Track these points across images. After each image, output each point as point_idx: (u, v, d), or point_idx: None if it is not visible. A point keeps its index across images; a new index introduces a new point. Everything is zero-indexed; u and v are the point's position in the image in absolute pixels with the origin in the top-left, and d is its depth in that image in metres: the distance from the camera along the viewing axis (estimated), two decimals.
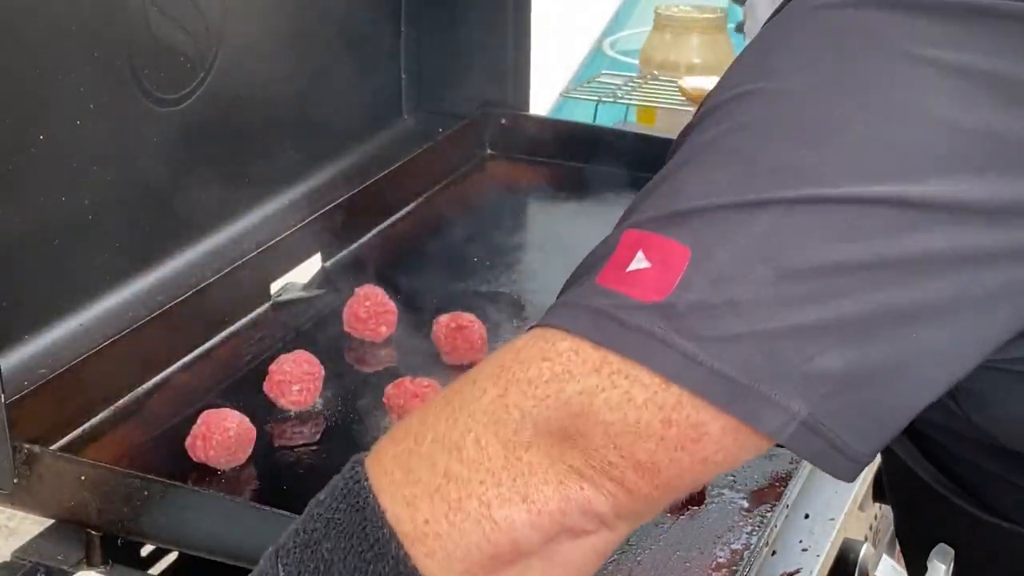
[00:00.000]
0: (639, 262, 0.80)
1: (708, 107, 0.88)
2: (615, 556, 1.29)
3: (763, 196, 0.79)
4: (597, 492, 0.80)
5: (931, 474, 1.12)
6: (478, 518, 0.81)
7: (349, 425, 1.52)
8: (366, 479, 0.84)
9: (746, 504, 1.37)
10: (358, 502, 0.83)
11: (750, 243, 0.78)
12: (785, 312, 0.78)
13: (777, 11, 0.90)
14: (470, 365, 1.63)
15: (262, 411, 1.53)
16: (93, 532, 1.33)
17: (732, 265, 0.78)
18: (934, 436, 1.09)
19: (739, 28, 2.50)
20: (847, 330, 0.78)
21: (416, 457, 0.83)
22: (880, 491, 1.59)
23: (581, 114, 2.74)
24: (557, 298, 0.87)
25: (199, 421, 1.43)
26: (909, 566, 1.30)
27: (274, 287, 1.80)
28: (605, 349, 0.79)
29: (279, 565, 0.86)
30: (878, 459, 1.55)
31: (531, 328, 0.85)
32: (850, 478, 0.83)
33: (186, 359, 1.63)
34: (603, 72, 2.79)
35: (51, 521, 1.37)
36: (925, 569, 1.19)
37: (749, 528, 1.33)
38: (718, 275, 0.78)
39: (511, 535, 0.81)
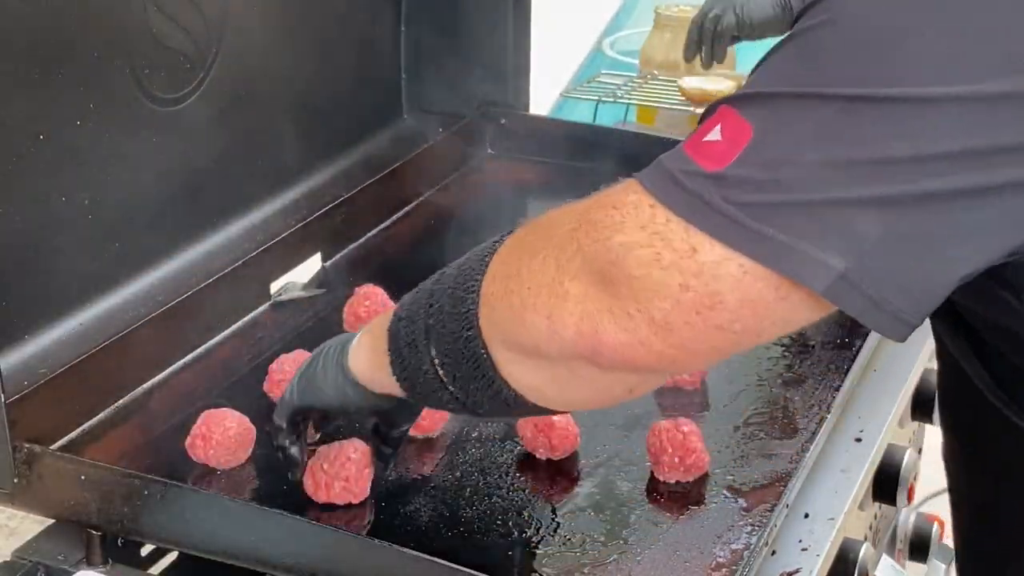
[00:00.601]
0: (715, 134, 0.90)
1: None
2: (615, 556, 1.29)
3: (825, 91, 0.87)
4: (610, 339, 0.92)
5: (981, 378, 1.15)
6: (513, 313, 0.99)
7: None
8: (499, 243, 1.06)
9: (746, 504, 1.37)
10: (484, 254, 1.07)
11: (805, 131, 0.87)
12: (828, 189, 0.86)
13: None
14: None
15: (262, 411, 1.53)
16: (93, 532, 1.33)
17: (785, 148, 0.88)
18: (1001, 347, 1.11)
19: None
20: (886, 206, 0.86)
21: (517, 247, 1.03)
22: (880, 491, 1.59)
23: (581, 114, 2.74)
24: None
25: (199, 421, 1.43)
26: (953, 492, 1.33)
27: (274, 287, 1.80)
28: (661, 207, 0.90)
29: (448, 267, 1.12)
30: (872, 455, 1.55)
31: (629, 176, 0.96)
32: (900, 337, 0.91)
33: (186, 359, 1.63)
34: (603, 72, 2.79)
35: (51, 521, 1.38)
36: (972, 490, 1.26)
37: (749, 528, 1.33)
38: (771, 156, 0.88)
39: (532, 338, 0.98)
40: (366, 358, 1.20)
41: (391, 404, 1.24)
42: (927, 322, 1.79)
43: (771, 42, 1.14)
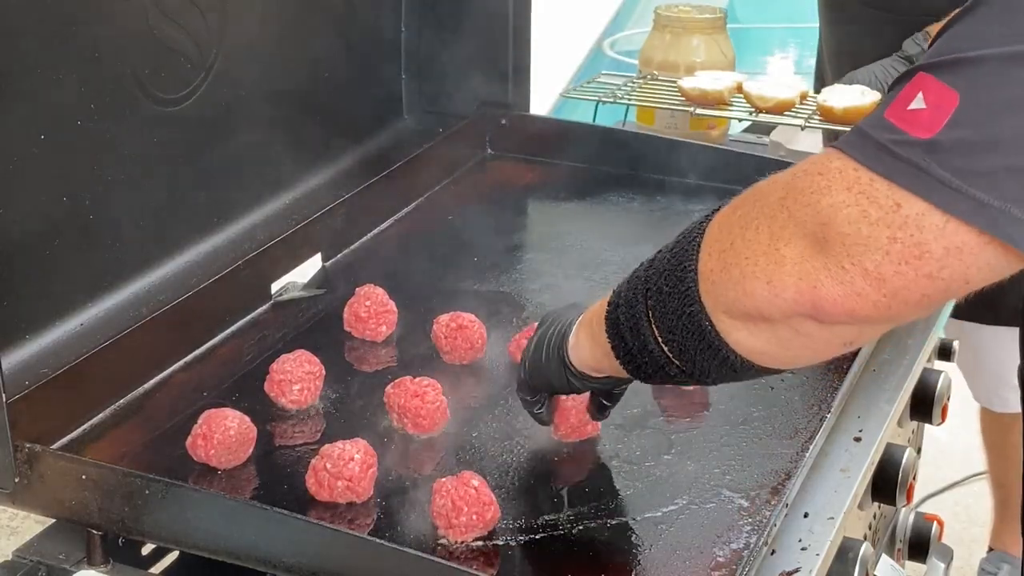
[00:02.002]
0: (918, 102, 0.95)
1: None
2: (615, 556, 1.30)
3: None
4: (828, 293, 0.98)
5: None
6: (733, 283, 1.06)
7: (349, 425, 1.52)
8: (707, 223, 1.11)
9: (746, 504, 1.37)
10: (692, 237, 1.12)
11: (1013, 92, 0.91)
12: None
13: None
14: (470, 365, 1.64)
15: (262, 411, 1.53)
16: (94, 531, 1.33)
17: (994, 111, 0.92)
18: None
19: None
20: None
21: (727, 222, 1.08)
22: (879, 490, 1.60)
23: (581, 114, 2.74)
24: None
25: (200, 421, 1.43)
26: None
27: (274, 287, 1.80)
28: (865, 170, 0.95)
29: (657, 254, 1.18)
30: (871, 455, 1.55)
31: (828, 146, 1.01)
32: None
33: (186, 359, 1.63)
34: (603, 72, 2.79)
35: (52, 520, 1.38)
36: None
37: (749, 527, 1.33)
38: (981, 119, 0.92)
39: (755, 303, 1.04)
40: (588, 350, 1.31)
41: (612, 384, 1.36)
42: (929, 321, 1.80)
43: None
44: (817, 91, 2.45)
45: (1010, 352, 1.50)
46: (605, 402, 1.43)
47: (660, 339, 1.16)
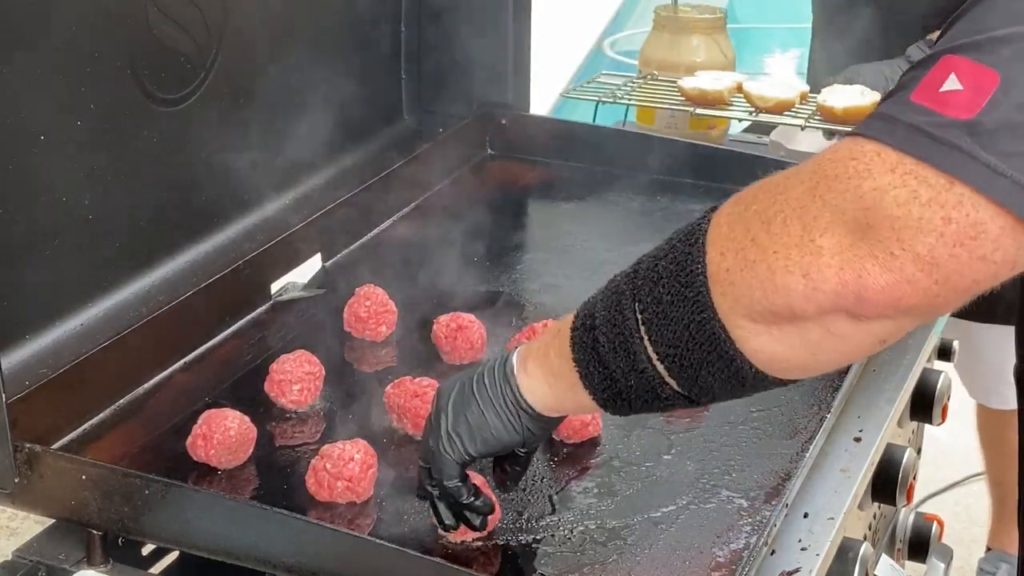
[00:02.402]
0: (952, 84, 0.91)
1: None
2: (615, 556, 1.30)
3: None
4: (875, 282, 0.93)
5: None
6: (760, 280, 0.98)
7: (349, 425, 1.52)
8: (707, 224, 1.05)
9: (746, 504, 1.37)
10: (693, 240, 1.05)
11: None
12: None
13: None
14: (470, 365, 1.64)
15: (262, 411, 1.53)
16: (94, 531, 1.33)
17: None
18: None
19: None
20: None
21: (740, 219, 1.02)
22: (879, 490, 1.60)
23: (581, 114, 2.74)
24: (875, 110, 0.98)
25: (200, 421, 1.43)
26: None
27: (274, 287, 1.80)
28: (906, 155, 0.91)
29: (639, 265, 1.11)
30: (871, 455, 1.55)
31: (848, 134, 0.97)
32: None
33: (186, 359, 1.63)
34: (603, 72, 2.79)
35: (52, 520, 1.38)
36: None
37: (749, 528, 1.33)
38: (1023, 99, 0.89)
39: (787, 300, 0.97)
40: (548, 386, 1.20)
41: (557, 425, 1.28)
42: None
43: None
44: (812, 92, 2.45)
45: (1008, 350, 1.49)
46: (515, 468, 1.31)
47: (655, 356, 1.08)
